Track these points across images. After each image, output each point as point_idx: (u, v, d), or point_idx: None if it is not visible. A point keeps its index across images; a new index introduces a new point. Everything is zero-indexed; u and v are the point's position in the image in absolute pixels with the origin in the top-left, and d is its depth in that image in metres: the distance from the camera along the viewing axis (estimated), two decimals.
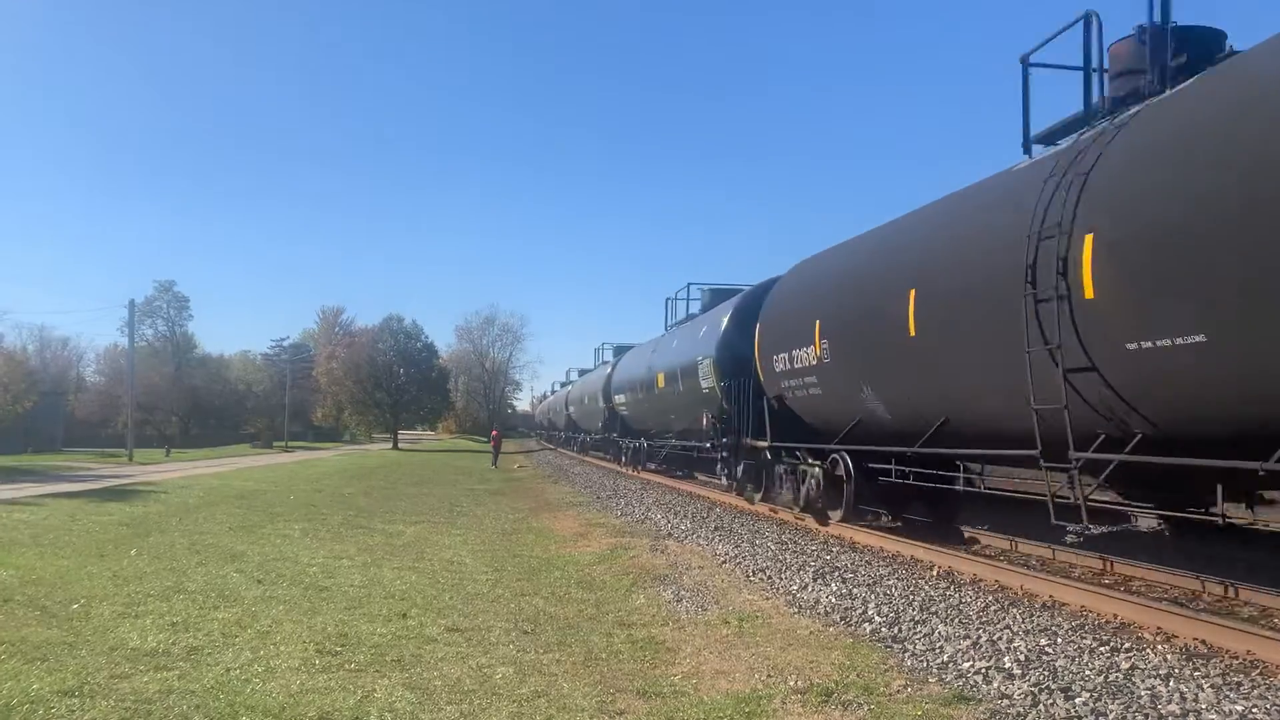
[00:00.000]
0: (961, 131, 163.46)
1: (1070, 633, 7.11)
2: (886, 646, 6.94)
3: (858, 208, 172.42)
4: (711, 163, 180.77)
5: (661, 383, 25.07)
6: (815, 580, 9.71)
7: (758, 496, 17.04)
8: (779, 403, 15.25)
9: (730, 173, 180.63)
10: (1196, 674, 5.92)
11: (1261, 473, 6.24)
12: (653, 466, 30.46)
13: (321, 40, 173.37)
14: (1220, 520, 7.37)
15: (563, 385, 69.18)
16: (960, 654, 6.60)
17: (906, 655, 6.67)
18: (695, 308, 25.66)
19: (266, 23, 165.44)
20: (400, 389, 74.55)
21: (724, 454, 19.30)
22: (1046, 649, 6.64)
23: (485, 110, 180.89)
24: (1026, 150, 9.69)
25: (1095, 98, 8.84)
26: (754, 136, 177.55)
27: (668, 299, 28.30)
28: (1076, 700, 5.45)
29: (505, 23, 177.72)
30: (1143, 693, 5.57)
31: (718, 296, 23.20)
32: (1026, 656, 6.45)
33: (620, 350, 39.76)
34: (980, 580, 9.49)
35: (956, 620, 7.69)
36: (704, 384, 20.00)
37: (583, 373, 55.29)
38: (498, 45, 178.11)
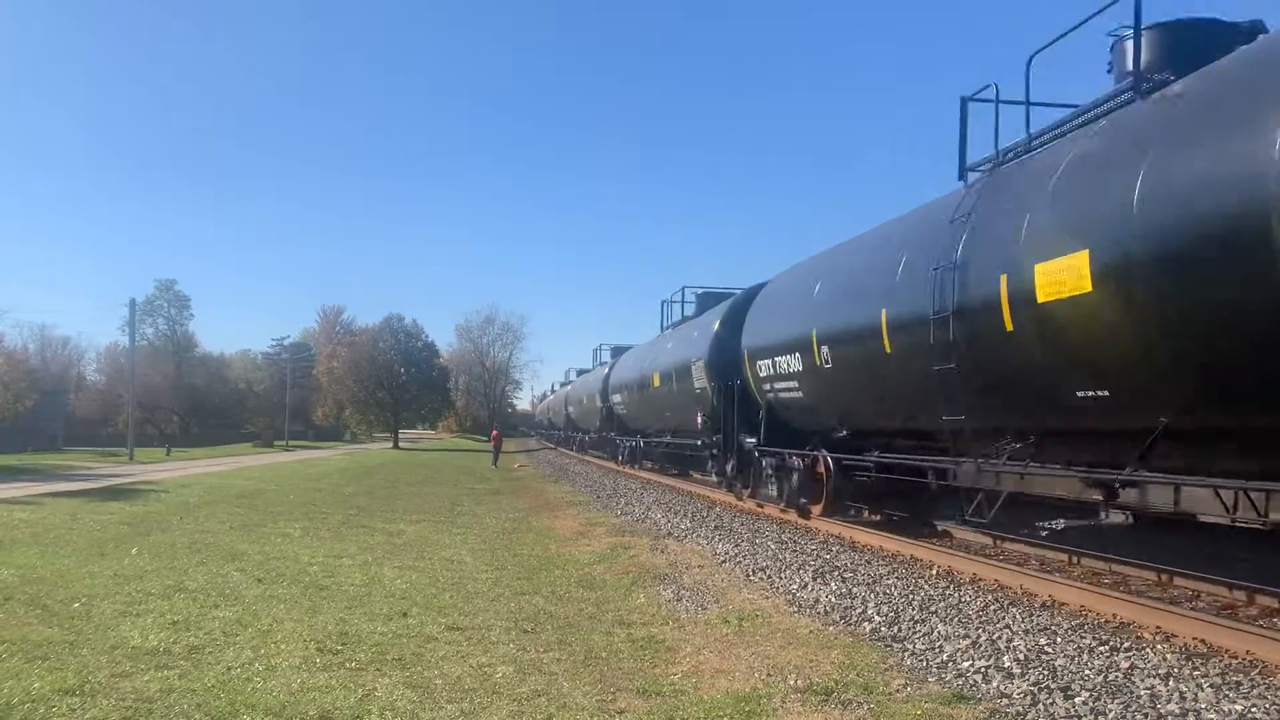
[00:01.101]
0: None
1: (1070, 632, 7.11)
2: (886, 646, 6.95)
3: (858, 210, 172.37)
4: (712, 163, 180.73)
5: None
6: (815, 579, 9.72)
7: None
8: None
9: (730, 173, 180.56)
10: (1196, 674, 5.93)
11: None
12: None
13: (322, 40, 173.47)
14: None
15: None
16: (960, 653, 6.61)
17: (906, 654, 6.68)
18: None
19: (267, 22, 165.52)
20: (401, 388, 74.56)
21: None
22: (1046, 648, 6.65)
23: (485, 110, 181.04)
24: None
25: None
26: (754, 138, 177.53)
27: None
28: (1076, 700, 5.46)
29: (505, 22, 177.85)
30: (1142, 692, 5.58)
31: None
32: (1026, 656, 6.45)
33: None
34: (980, 579, 9.50)
35: (956, 619, 7.70)
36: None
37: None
38: (498, 45, 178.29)
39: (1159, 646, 6.65)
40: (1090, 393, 7.67)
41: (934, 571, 10.08)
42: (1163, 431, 7.13)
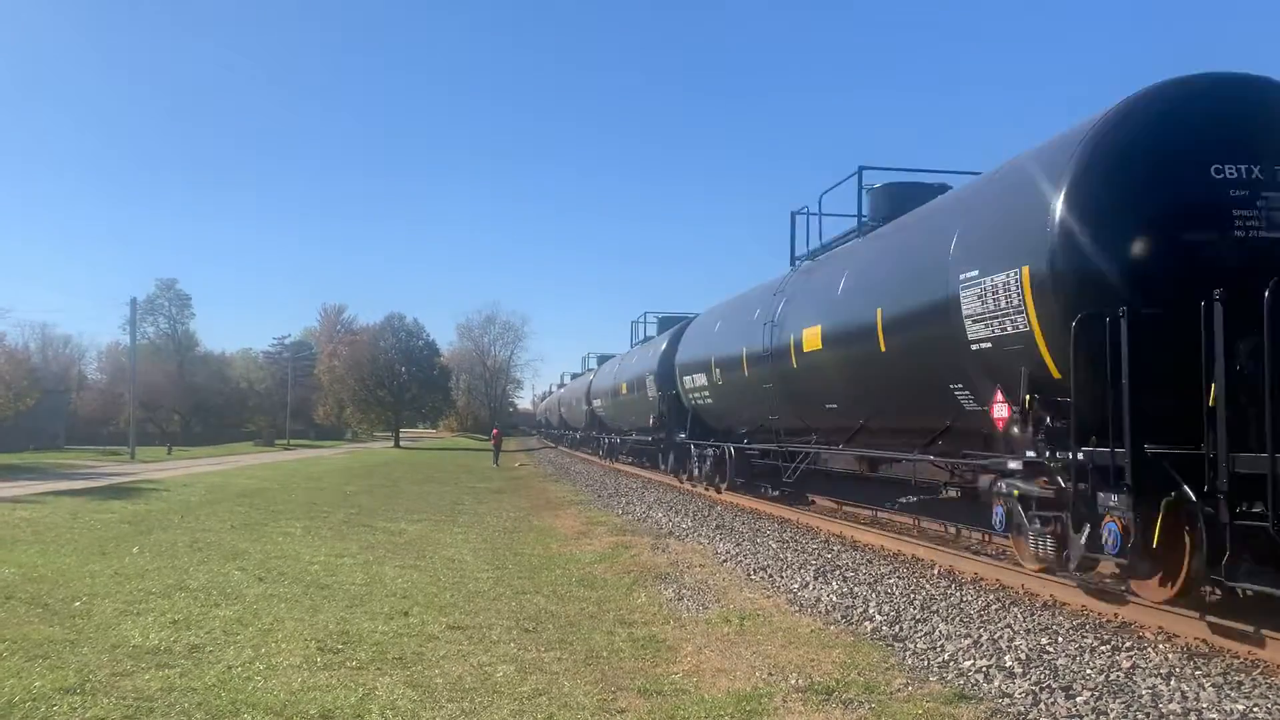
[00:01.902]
0: (964, 130, 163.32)
1: (1071, 632, 7.10)
2: (887, 645, 6.94)
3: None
4: (715, 162, 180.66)
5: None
6: (816, 579, 9.71)
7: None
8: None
9: (733, 172, 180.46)
10: (1198, 673, 5.92)
11: None
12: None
13: (324, 40, 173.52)
14: None
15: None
16: (961, 652, 6.60)
17: (907, 654, 6.67)
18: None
19: (268, 22, 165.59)
20: (402, 387, 74.58)
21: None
22: (1047, 648, 6.64)
23: (487, 107, 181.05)
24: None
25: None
26: (756, 137, 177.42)
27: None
28: (1078, 699, 5.45)
29: (506, 20, 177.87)
30: (1144, 692, 5.57)
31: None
32: (1027, 655, 6.45)
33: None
34: (981, 579, 9.49)
35: (958, 619, 7.69)
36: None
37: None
38: (499, 42, 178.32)
39: (1160, 646, 6.64)
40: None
41: (935, 571, 10.07)
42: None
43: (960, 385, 9.34)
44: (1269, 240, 6.89)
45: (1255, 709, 5.23)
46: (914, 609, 8.12)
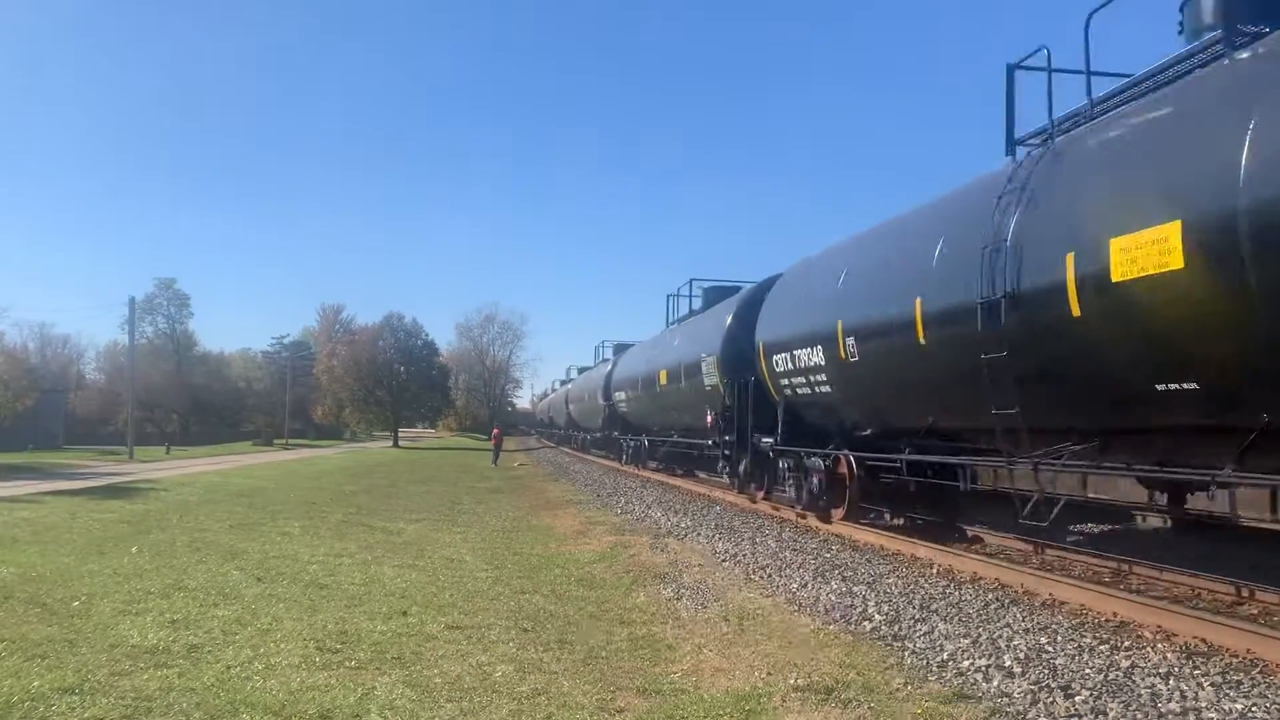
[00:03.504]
0: (958, 134, 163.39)
1: (1070, 631, 7.10)
2: (886, 644, 6.94)
3: (860, 208, 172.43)
4: (715, 161, 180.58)
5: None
6: (815, 578, 9.71)
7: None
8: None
9: (734, 170, 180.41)
10: (1196, 672, 5.92)
11: None
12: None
13: (323, 37, 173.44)
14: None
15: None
16: (960, 652, 6.60)
17: (906, 653, 6.67)
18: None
19: (267, 19, 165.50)
20: (401, 387, 74.59)
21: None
22: (1046, 647, 6.64)
23: (486, 107, 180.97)
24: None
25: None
26: (756, 135, 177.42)
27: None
28: (1076, 699, 5.45)
29: (506, 20, 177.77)
30: (1143, 691, 5.57)
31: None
32: (1026, 655, 6.45)
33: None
34: (980, 578, 9.49)
35: (956, 618, 7.69)
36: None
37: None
38: (498, 42, 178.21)
39: (1159, 645, 6.65)
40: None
41: (934, 570, 10.07)
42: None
43: (705, 406, 20.54)
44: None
45: (1254, 708, 5.22)
46: (913, 608, 8.12)
